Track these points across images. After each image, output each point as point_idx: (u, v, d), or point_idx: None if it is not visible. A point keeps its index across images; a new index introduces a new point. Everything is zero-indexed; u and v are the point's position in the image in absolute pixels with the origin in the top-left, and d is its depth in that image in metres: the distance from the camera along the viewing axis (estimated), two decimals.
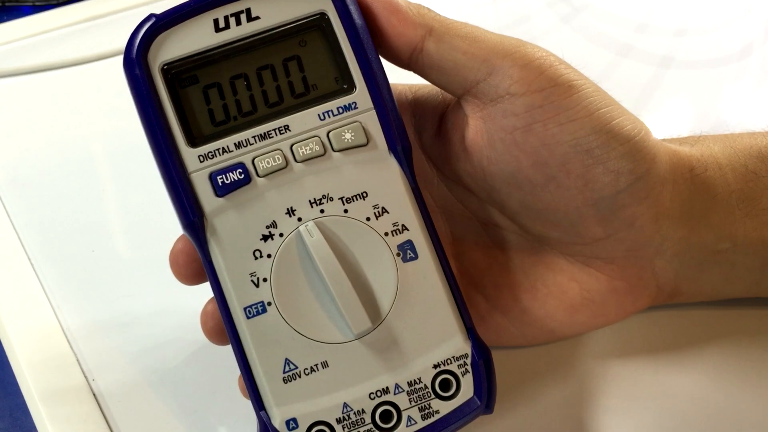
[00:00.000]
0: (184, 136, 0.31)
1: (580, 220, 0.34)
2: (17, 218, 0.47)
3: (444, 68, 0.33)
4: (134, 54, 0.31)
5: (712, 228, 0.35)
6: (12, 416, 0.38)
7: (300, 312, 0.31)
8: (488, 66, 0.32)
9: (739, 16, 0.62)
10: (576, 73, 0.33)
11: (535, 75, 0.32)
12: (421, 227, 0.32)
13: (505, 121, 0.33)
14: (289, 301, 0.31)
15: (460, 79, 0.33)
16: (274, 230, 0.31)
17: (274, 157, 0.31)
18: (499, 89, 0.32)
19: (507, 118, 0.33)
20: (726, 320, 0.37)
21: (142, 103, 0.31)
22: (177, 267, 0.33)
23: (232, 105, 0.32)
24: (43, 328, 0.40)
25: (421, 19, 0.33)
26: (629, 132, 0.33)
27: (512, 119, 0.33)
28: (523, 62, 0.32)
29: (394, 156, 0.32)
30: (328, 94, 0.32)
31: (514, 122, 0.33)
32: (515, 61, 0.32)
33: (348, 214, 0.32)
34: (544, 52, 0.33)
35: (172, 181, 0.31)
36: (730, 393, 0.35)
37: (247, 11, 0.32)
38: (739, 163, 0.35)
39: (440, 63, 0.33)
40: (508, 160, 0.33)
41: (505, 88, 0.32)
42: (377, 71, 0.32)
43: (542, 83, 0.32)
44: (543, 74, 0.32)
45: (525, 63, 0.32)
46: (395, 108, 0.33)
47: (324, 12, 0.32)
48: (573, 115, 0.32)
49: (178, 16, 0.31)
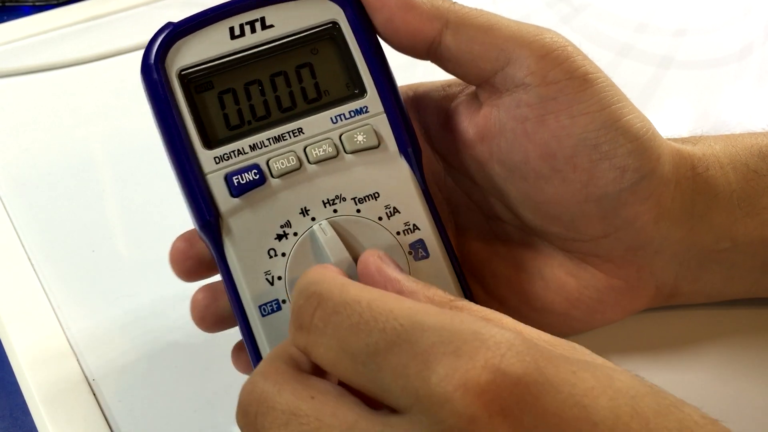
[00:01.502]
0: (200, 138, 0.32)
1: (581, 215, 0.34)
2: (17, 218, 0.47)
3: (462, 60, 0.33)
4: (152, 60, 0.32)
5: (713, 228, 0.35)
6: (12, 416, 0.38)
7: None
8: (505, 56, 0.32)
9: (739, 16, 0.62)
10: (592, 65, 0.33)
11: (552, 66, 0.32)
12: (431, 226, 0.33)
13: (518, 111, 0.33)
14: None
15: (478, 71, 0.33)
16: (288, 229, 0.32)
17: (288, 159, 0.32)
18: (515, 79, 0.33)
19: (520, 108, 0.33)
20: (726, 320, 0.37)
21: (159, 107, 0.32)
22: (176, 264, 0.34)
23: (247, 109, 0.33)
24: (43, 328, 0.40)
25: (436, 12, 0.33)
26: (638, 130, 0.33)
27: (525, 109, 0.33)
28: (541, 53, 0.32)
29: (405, 157, 0.33)
30: (340, 99, 0.33)
31: (527, 112, 0.33)
32: (533, 51, 0.32)
33: (360, 213, 0.32)
34: (563, 41, 0.33)
35: (188, 182, 0.31)
36: (730, 393, 0.35)
37: (261, 20, 0.33)
38: (740, 162, 0.35)
39: (458, 55, 0.33)
40: (517, 149, 0.33)
41: (521, 78, 0.32)
42: (387, 77, 0.33)
43: (557, 75, 0.32)
44: (559, 66, 0.32)
45: (543, 54, 0.32)
46: (405, 112, 0.33)
47: (335, 21, 0.33)
48: (585, 108, 0.32)
49: (195, 24, 0.32)
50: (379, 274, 0.30)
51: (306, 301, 0.26)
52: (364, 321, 0.25)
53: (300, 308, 0.27)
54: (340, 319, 0.25)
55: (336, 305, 0.26)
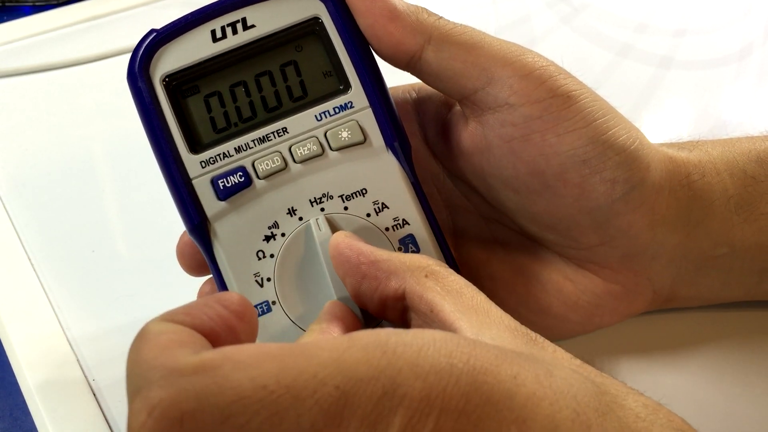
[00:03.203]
0: (186, 143, 0.32)
1: (576, 226, 0.34)
2: (17, 218, 0.47)
3: (442, 76, 0.33)
4: (136, 67, 0.32)
5: (710, 234, 0.35)
6: (12, 416, 0.38)
7: (304, 309, 0.32)
8: (487, 75, 0.32)
9: (739, 17, 0.62)
10: (575, 82, 0.33)
11: (535, 86, 0.32)
12: (422, 221, 0.33)
13: (503, 131, 0.33)
14: (293, 299, 0.32)
15: (459, 87, 0.33)
16: (276, 230, 0.32)
17: (273, 159, 0.32)
18: (498, 99, 0.32)
19: (505, 128, 0.33)
20: (723, 322, 0.37)
21: (146, 114, 0.32)
22: (183, 258, 0.34)
23: (232, 112, 0.32)
24: (43, 327, 0.40)
25: (419, 27, 0.32)
26: (624, 141, 0.33)
27: (510, 129, 0.33)
28: (523, 72, 0.32)
29: (392, 152, 0.33)
30: (325, 95, 0.33)
31: (512, 132, 0.33)
32: (515, 71, 0.32)
33: (348, 211, 0.32)
34: (545, 61, 0.33)
35: (176, 188, 0.32)
36: (727, 394, 0.35)
37: (242, 20, 0.32)
38: (737, 168, 0.35)
39: (438, 71, 0.33)
40: (506, 165, 0.33)
41: (504, 98, 0.32)
42: (372, 70, 0.33)
43: (541, 94, 0.32)
44: (542, 85, 0.32)
45: (525, 73, 0.32)
46: (391, 105, 0.33)
47: (317, 16, 0.33)
48: (571, 126, 0.32)
49: (176, 29, 0.32)
50: (350, 249, 0.30)
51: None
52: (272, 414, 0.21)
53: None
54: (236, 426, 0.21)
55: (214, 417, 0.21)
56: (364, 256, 0.29)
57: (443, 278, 0.28)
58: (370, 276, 0.29)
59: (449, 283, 0.28)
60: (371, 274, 0.29)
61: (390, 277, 0.29)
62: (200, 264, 0.34)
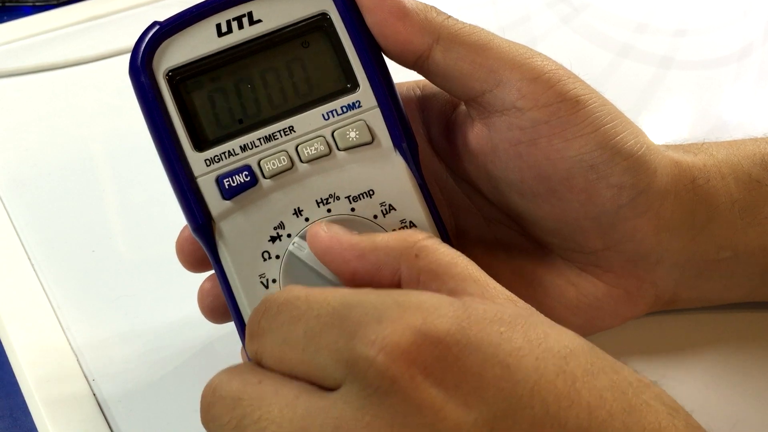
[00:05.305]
0: (190, 140, 0.31)
1: (580, 231, 0.34)
2: (18, 218, 0.47)
3: (449, 77, 0.33)
4: (139, 62, 0.31)
5: (714, 238, 0.34)
6: (12, 416, 0.38)
7: None
8: (495, 77, 0.32)
9: (739, 17, 0.62)
10: (583, 86, 0.33)
11: (543, 90, 0.32)
12: (429, 223, 0.32)
13: (510, 134, 0.33)
14: None
15: (466, 89, 0.33)
16: (281, 231, 0.31)
17: (280, 159, 0.31)
18: (505, 102, 0.32)
19: (512, 131, 0.32)
20: (724, 323, 0.37)
21: (149, 110, 0.31)
22: (183, 254, 0.34)
23: (237, 108, 0.32)
24: (43, 327, 0.40)
25: (428, 26, 0.32)
26: (632, 147, 0.33)
27: (517, 132, 0.32)
28: (532, 76, 0.32)
29: (400, 153, 0.32)
30: (332, 93, 0.32)
31: (519, 136, 0.32)
32: (524, 74, 0.32)
33: (355, 212, 0.32)
34: (554, 65, 0.32)
35: (179, 186, 0.31)
36: (728, 396, 0.35)
37: (249, 15, 0.32)
38: (742, 172, 0.35)
39: (446, 72, 0.32)
40: (512, 169, 0.33)
41: (511, 102, 0.32)
42: (380, 69, 0.32)
43: (549, 98, 0.32)
44: (551, 89, 0.32)
45: (534, 77, 0.32)
46: (399, 105, 0.33)
47: (326, 12, 0.32)
48: (579, 131, 0.32)
49: (180, 23, 0.31)
50: (331, 239, 0.30)
51: (255, 312, 0.27)
52: (301, 312, 0.26)
53: (250, 320, 0.27)
54: (282, 317, 0.26)
55: (279, 306, 0.26)
56: (349, 251, 0.29)
57: (434, 252, 0.28)
58: (361, 271, 0.29)
59: (440, 256, 0.28)
60: (362, 269, 0.29)
61: (381, 269, 0.29)
62: (199, 260, 0.34)
